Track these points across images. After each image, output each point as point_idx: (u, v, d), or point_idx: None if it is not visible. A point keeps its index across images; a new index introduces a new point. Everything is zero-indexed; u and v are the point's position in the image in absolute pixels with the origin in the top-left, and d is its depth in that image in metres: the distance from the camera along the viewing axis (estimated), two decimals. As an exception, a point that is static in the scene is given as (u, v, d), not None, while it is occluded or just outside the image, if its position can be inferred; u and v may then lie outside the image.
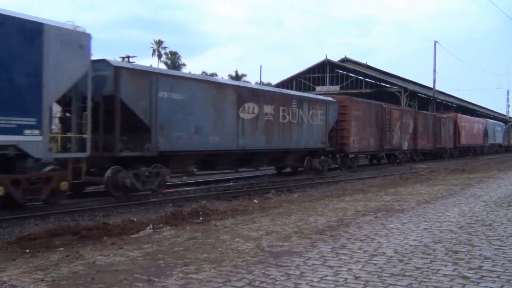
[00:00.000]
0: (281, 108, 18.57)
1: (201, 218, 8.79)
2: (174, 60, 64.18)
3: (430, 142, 35.16)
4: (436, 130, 36.37)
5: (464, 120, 45.53)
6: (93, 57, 11.38)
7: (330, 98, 23.22)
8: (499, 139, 60.65)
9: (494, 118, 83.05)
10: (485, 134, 52.24)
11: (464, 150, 46.40)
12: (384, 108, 28.27)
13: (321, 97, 24.07)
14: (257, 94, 17.56)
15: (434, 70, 48.73)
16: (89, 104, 10.84)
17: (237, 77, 69.60)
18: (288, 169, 22.45)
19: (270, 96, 18.32)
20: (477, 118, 55.61)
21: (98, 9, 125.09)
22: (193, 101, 14.28)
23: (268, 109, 17.81)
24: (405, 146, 30.53)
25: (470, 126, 46.80)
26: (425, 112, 38.38)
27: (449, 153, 40.94)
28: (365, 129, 25.48)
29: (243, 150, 16.58)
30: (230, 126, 15.89)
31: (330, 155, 22.62)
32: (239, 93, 16.49)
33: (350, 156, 24.32)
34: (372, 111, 26.66)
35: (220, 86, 16.08)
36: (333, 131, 22.73)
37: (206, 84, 15.44)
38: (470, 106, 71.08)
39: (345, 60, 55.66)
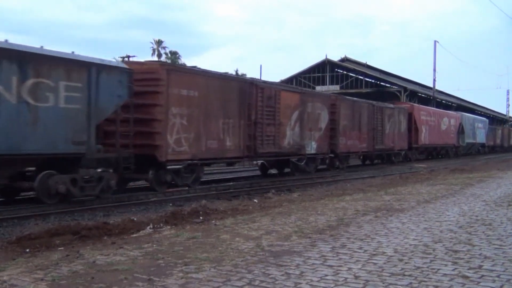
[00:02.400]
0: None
1: (201, 218, 8.79)
2: (174, 60, 64.10)
3: (363, 142, 25.03)
4: (375, 125, 25.97)
5: (425, 112, 35.32)
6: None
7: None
8: (480, 138, 50.49)
9: (494, 117, 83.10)
10: (460, 131, 42.62)
11: (427, 151, 37.60)
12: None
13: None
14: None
15: (434, 70, 48.74)
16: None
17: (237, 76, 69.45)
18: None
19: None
20: (448, 111, 44.46)
21: (99, 9, 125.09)
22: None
23: None
24: (311, 147, 20.51)
25: (436, 121, 36.73)
26: (352, 99, 26.64)
27: (403, 155, 30.94)
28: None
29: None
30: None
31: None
32: None
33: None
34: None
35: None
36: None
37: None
38: (470, 105, 71.04)
39: (345, 59, 55.62)
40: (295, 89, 21.70)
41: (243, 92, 16.33)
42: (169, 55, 66.79)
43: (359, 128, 24.57)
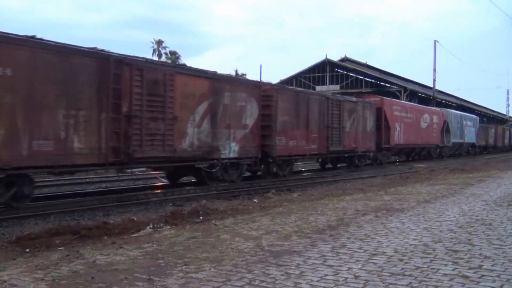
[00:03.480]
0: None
1: (201, 218, 8.80)
2: (174, 60, 64.11)
3: (313, 143, 20.25)
4: (330, 122, 21.31)
5: (399, 108, 30.06)
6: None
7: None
8: (470, 137, 45.63)
9: (494, 117, 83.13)
10: (445, 130, 37.87)
11: (403, 152, 33.01)
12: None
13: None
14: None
15: (434, 70, 48.72)
16: None
17: (237, 76, 69.49)
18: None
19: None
20: (429, 107, 39.35)
21: (100, 9, 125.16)
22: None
23: None
24: (231, 150, 15.78)
25: (414, 118, 31.94)
26: (296, 89, 23.01)
27: (371, 157, 26.89)
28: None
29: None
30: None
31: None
32: None
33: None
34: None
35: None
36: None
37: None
38: (470, 105, 71.04)
39: (345, 59, 55.65)
40: (201, 73, 14.76)
41: (105, 74, 11.63)
42: (169, 55, 66.76)
43: (307, 126, 19.79)
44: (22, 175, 10.32)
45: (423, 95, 55.44)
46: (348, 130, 23.10)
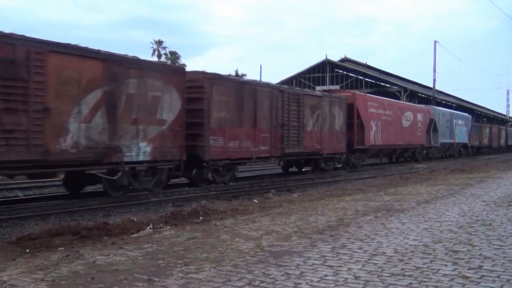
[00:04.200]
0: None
1: (201, 218, 8.79)
2: (173, 60, 64.13)
3: (262, 143, 17.16)
4: (285, 119, 18.19)
5: (376, 104, 26.52)
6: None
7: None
8: (461, 137, 42.16)
9: (494, 118, 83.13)
10: (432, 129, 34.69)
11: (381, 154, 29.26)
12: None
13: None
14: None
15: (434, 70, 48.69)
16: None
17: (237, 76, 69.59)
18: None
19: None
20: (413, 104, 36.79)
21: (100, 9, 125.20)
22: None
23: None
24: (140, 151, 12.59)
25: (394, 116, 28.42)
26: (238, 79, 21.65)
27: (343, 159, 23.42)
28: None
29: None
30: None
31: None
32: None
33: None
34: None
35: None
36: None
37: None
38: (470, 105, 71.07)
39: (345, 60, 55.70)
40: (90, 53, 11.43)
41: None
42: (169, 55, 66.80)
43: (254, 124, 16.76)
44: None
45: (423, 95, 55.45)
46: (311, 129, 20.00)
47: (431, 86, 50.17)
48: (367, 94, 28.47)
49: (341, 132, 22.57)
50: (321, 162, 21.47)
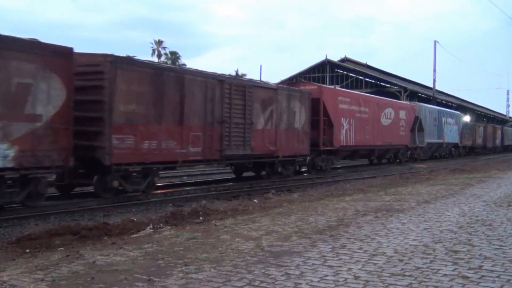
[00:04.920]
0: None
1: (201, 218, 8.79)
2: (174, 60, 64.11)
3: (192, 144, 14.12)
4: (224, 114, 15.18)
5: (348, 99, 23.37)
6: None
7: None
8: (451, 137, 38.92)
9: (494, 118, 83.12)
10: (417, 127, 31.65)
11: (357, 155, 25.89)
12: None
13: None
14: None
15: (434, 70, 48.69)
16: None
17: (237, 76, 69.49)
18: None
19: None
20: (394, 100, 32.08)
21: (100, 9, 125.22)
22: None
23: None
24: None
25: (371, 113, 25.28)
26: (157, 64, 19.07)
27: (308, 161, 20.63)
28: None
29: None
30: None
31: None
32: None
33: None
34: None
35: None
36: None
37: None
38: (470, 105, 71.10)
39: (345, 60, 55.71)
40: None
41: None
42: (169, 55, 66.81)
43: (181, 120, 13.66)
44: None
45: (423, 95, 55.45)
46: (262, 127, 16.91)
47: (431, 86, 50.20)
48: (338, 88, 24.84)
49: (304, 132, 19.31)
50: (277, 166, 18.21)
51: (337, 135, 21.99)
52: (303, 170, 21.42)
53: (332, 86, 25.42)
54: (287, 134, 18.39)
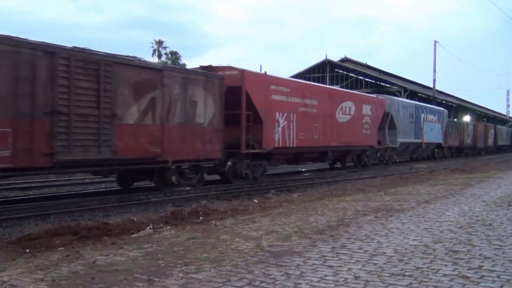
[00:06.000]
0: None
1: (201, 218, 8.80)
2: (174, 60, 64.12)
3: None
4: (55, 101, 10.43)
5: (285, 89, 18.39)
6: None
7: None
8: (433, 136, 34.43)
9: (494, 118, 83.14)
10: (387, 125, 27.03)
11: (304, 159, 21.28)
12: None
13: None
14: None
15: (434, 70, 48.69)
16: None
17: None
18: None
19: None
20: (353, 92, 27.38)
21: (101, 10, 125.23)
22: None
23: None
24: None
25: (320, 107, 20.43)
26: None
27: (228, 167, 15.96)
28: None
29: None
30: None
31: None
32: None
33: None
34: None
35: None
36: None
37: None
38: (470, 105, 71.13)
39: (345, 60, 55.75)
40: None
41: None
42: (169, 55, 66.86)
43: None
44: None
45: (423, 95, 55.49)
46: (135, 121, 12.45)
47: (431, 86, 50.20)
48: (269, 75, 18.41)
49: (213, 129, 14.77)
50: (171, 174, 13.73)
51: (269, 134, 17.25)
52: (219, 178, 16.82)
53: (263, 72, 19.04)
54: (183, 132, 13.78)
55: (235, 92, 15.84)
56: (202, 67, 16.32)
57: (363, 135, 24.44)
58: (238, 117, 16.00)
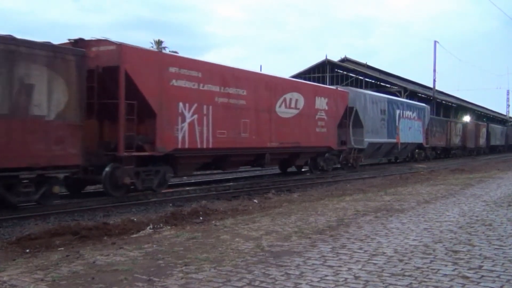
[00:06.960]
0: None
1: (201, 218, 8.80)
2: (174, 60, 64.20)
3: None
4: None
5: (197, 73, 14.04)
6: None
7: None
8: (411, 136, 29.88)
9: (494, 118, 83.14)
10: (351, 122, 22.86)
11: (228, 163, 16.27)
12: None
13: None
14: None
15: (434, 70, 48.69)
16: None
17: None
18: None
19: None
20: (303, 82, 22.95)
21: (102, 10, 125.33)
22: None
23: None
24: None
25: (256, 98, 16.54)
26: None
27: (106, 175, 11.76)
28: None
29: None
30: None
31: None
32: None
33: None
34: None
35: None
36: None
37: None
38: (470, 106, 71.12)
39: (345, 60, 55.72)
40: None
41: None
42: (169, 55, 66.78)
43: None
44: None
45: (423, 95, 55.48)
46: None
47: (431, 86, 50.19)
48: (167, 53, 14.38)
49: (66, 124, 10.62)
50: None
51: (167, 131, 13.26)
52: (91, 191, 13.65)
53: (157, 49, 14.37)
54: (7, 128, 9.72)
55: (112, 73, 11.95)
56: (70, 41, 12.37)
57: (316, 134, 19.96)
58: (111, 107, 12.03)
